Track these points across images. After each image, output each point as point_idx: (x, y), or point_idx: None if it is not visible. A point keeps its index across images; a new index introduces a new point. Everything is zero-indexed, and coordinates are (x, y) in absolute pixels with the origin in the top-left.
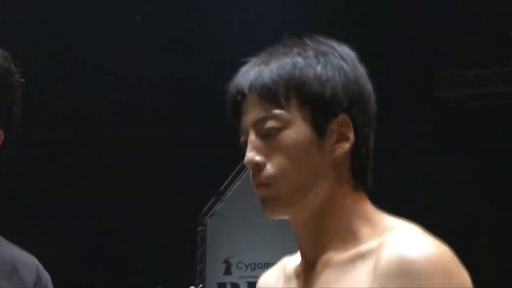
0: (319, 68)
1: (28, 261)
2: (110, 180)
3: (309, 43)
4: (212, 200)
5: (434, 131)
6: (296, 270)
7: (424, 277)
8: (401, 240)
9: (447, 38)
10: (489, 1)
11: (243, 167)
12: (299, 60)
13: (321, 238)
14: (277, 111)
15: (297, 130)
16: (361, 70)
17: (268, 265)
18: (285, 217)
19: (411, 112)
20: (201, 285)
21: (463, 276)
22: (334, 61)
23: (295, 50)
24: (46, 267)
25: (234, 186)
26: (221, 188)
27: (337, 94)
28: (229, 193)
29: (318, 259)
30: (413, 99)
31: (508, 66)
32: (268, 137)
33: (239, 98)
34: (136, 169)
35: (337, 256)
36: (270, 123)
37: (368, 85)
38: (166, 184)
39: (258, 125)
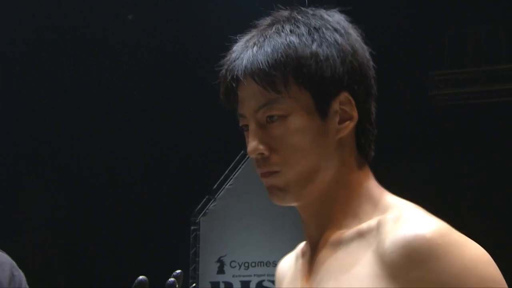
0: (314, 46)
1: (1, 259)
2: (103, 179)
3: (299, 17)
4: (205, 199)
5: (428, 130)
6: (302, 250)
7: (436, 252)
8: (402, 218)
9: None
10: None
11: (236, 166)
12: (293, 39)
13: (325, 218)
14: (276, 98)
15: (299, 115)
16: (355, 37)
17: (261, 263)
18: (296, 203)
19: (405, 111)
20: (194, 284)
21: (476, 246)
22: (328, 35)
23: (287, 27)
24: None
25: (227, 185)
26: (214, 187)
27: (336, 73)
28: (221, 192)
29: (320, 238)
30: (407, 98)
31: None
32: (269, 124)
33: (234, 84)
34: (129, 169)
35: (339, 234)
36: (271, 111)
37: (364, 53)
38: (159, 183)
39: (258, 113)
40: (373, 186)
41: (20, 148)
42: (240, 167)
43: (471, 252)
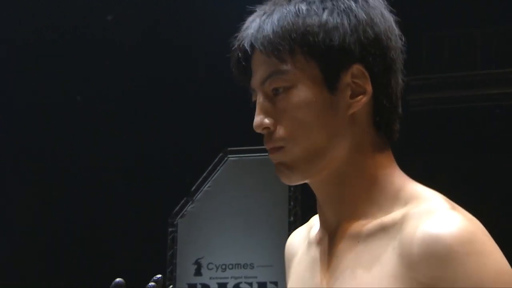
0: (325, 15)
1: None
2: (81, 179)
3: None
4: (183, 201)
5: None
6: (316, 236)
7: (454, 260)
8: (428, 214)
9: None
10: (456, 6)
11: (214, 168)
12: (303, 7)
13: (341, 204)
14: (281, 68)
15: (305, 88)
16: (376, 5)
17: (238, 266)
18: (304, 181)
19: None
20: (171, 286)
21: (499, 258)
22: (342, 3)
23: None
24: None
25: (205, 187)
26: (192, 189)
27: (346, 42)
28: (200, 194)
29: (338, 227)
30: None
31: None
32: (276, 97)
33: (241, 55)
34: (107, 170)
35: (358, 226)
36: (276, 82)
37: (386, 23)
38: (137, 184)
39: (264, 84)
40: (394, 172)
41: (3, 146)
42: (219, 169)
43: (492, 266)
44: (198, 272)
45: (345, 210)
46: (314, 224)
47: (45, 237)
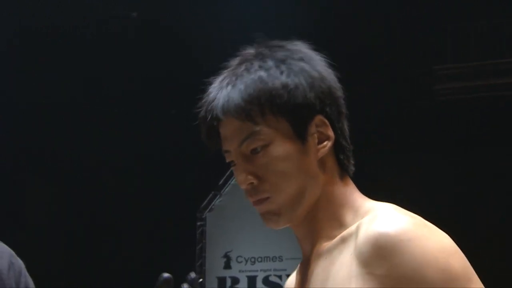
0: (283, 77)
1: (0, 249)
2: (109, 175)
3: (266, 51)
4: (211, 195)
5: (433, 125)
6: (299, 267)
7: (399, 248)
8: (375, 218)
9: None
10: None
11: None
12: (262, 74)
13: (314, 233)
14: (256, 130)
15: (280, 143)
16: (319, 63)
17: (267, 258)
18: (287, 225)
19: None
20: (201, 280)
21: (440, 238)
22: (294, 65)
23: (255, 63)
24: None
25: (232, 181)
26: (220, 183)
27: (307, 98)
28: (227, 188)
29: (312, 252)
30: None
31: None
32: (254, 156)
33: (214, 123)
34: (135, 165)
35: (326, 244)
36: (253, 143)
37: (330, 76)
38: (165, 179)
39: (241, 147)
40: (355, 195)
41: (21, 145)
42: None
43: (433, 245)
44: (227, 265)
45: (317, 236)
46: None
47: (68, 234)
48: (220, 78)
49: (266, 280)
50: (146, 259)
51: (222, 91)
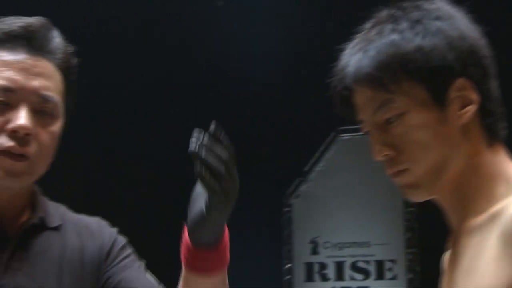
0: (418, 39)
1: (96, 220)
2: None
3: (399, 13)
4: (297, 181)
5: None
6: (450, 241)
7: None
8: None
9: None
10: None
11: (327, 147)
12: (395, 37)
13: (462, 206)
14: (390, 98)
15: (417, 111)
16: (461, 20)
17: (355, 244)
18: (431, 197)
19: None
20: (289, 265)
21: None
22: (430, 25)
23: (388, 26)
24: None
25: (318, 167)
26: (306, 169)
27: (445, 60)
28: (313, 174)
29: (460, 227)
30: None
31: None
32: (389, 125)
33: (346, 93)
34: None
35: (476, 221)
36: (388, 113)
37: (474, 33)
38: (250, 166)
39: (375, 116)
40: (507, 164)
41: None
42: (331, 148)
43: None
44: (314, 251)
45: (465, 210)
46: None
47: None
48: (352, 44)
49: (354, 266)
50: (233, 245)
51: (353, 58)
